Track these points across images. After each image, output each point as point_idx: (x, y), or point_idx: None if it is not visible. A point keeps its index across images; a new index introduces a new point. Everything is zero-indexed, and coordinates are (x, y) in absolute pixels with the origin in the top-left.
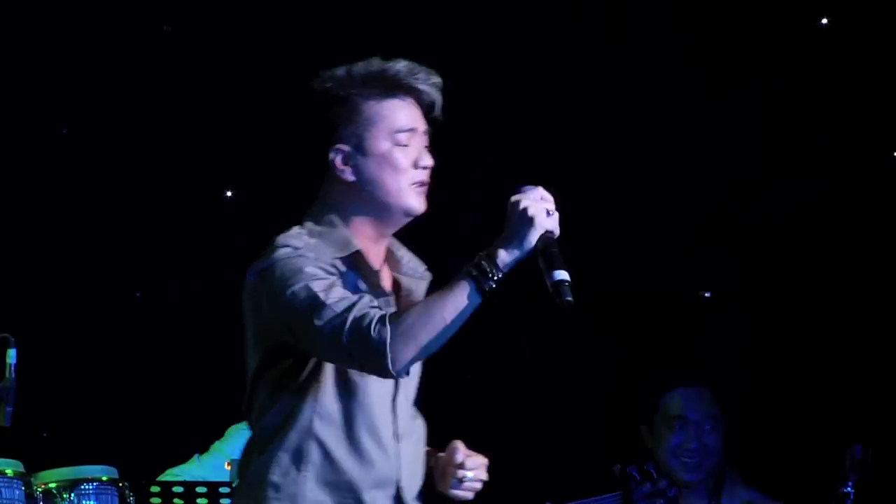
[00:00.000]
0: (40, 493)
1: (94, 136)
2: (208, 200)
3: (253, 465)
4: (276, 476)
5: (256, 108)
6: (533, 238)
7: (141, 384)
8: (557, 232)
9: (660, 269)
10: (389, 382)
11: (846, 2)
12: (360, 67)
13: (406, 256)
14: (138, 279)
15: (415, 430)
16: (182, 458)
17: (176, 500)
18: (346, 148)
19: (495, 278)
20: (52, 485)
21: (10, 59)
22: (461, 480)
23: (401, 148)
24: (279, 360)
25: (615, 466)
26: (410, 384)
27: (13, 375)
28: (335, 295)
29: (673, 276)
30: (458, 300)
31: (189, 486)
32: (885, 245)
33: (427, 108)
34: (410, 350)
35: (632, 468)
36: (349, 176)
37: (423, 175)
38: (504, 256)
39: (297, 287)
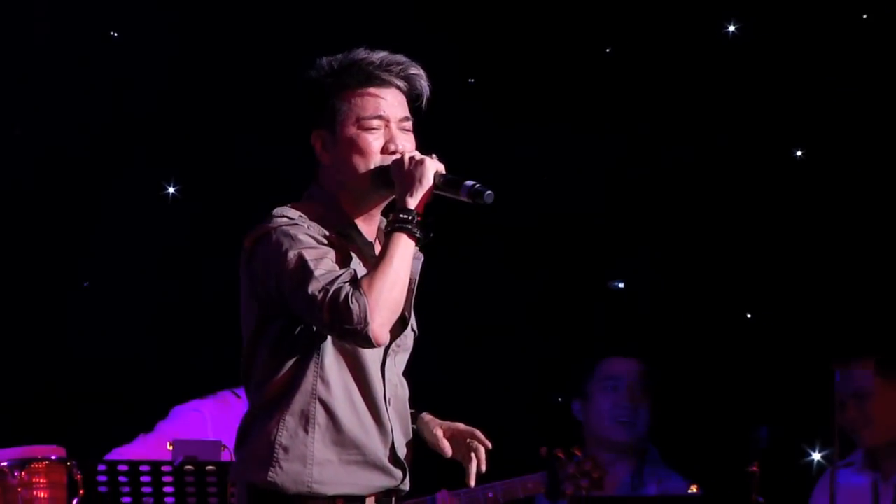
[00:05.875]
0: None
1: (45, 136)
2: (152, 197)
3: (258, 428)
4: (284, 438)
5: (200, 109)
6: (429, 174)
7: (88, 369)
8: (442, 168)
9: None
10: (379, 350)
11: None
12: (341, 57)
13: None
14: (86, 270)
15: (401, 394)
16: (128, 438)
17: (121, 479)
18: (323, 133)
19: (415, 221)
20: (5, 463)
21: None
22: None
23: (368, 132)
24: (278, 326)
25: (541, 448)
26: (400, 354)
27: None
28: (324, 266)
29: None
30: (403, 255)
31: (133, 464)
32: (789, 245)
33: (413, 98)
34: (386, 315)
35: (557, 449)
36: (327, 160)
37: (391, 159)
38: (411, 201)
39: (291, 254)
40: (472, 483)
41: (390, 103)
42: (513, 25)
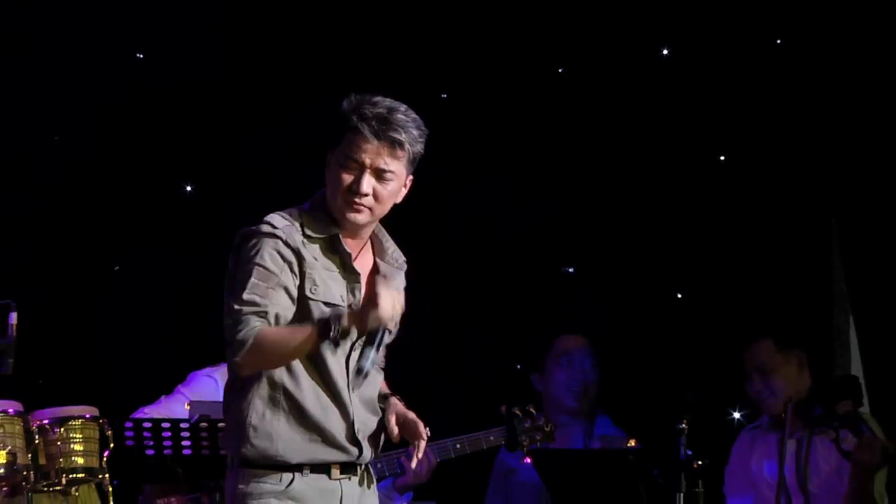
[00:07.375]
0: (36, 428)
1: (80, 142)
2: (172, 193)
3: (234, 406)
4: (254, 419)
5: (217, 119)
6: (370, 327)
7: (118, 341)
8: (391, 326)
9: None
10: (345, 347)
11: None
12: (359, 99)
13: (391, 247)
14: (117, 256)
15: (368, 383)
16: (152, 399)
17: (145, 434)
18: (330, 155)
19: (333, 335)
20: (46, 421)
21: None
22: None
23: (346, 170)
24: None
25: (501, 406)
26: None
27: (14, 334)
28: (255, 290)
29: (539, 254)
30: (306, 341)
31: (156, 422)
32: (717, 237)
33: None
34: (257, 363)
35: (516, 407)
36: (326, 176)
37: (353, 198)
38: (346, 324)
39: (247, 266)
40: (414, 464)
41: (372, 152)
42: (476, 49)
